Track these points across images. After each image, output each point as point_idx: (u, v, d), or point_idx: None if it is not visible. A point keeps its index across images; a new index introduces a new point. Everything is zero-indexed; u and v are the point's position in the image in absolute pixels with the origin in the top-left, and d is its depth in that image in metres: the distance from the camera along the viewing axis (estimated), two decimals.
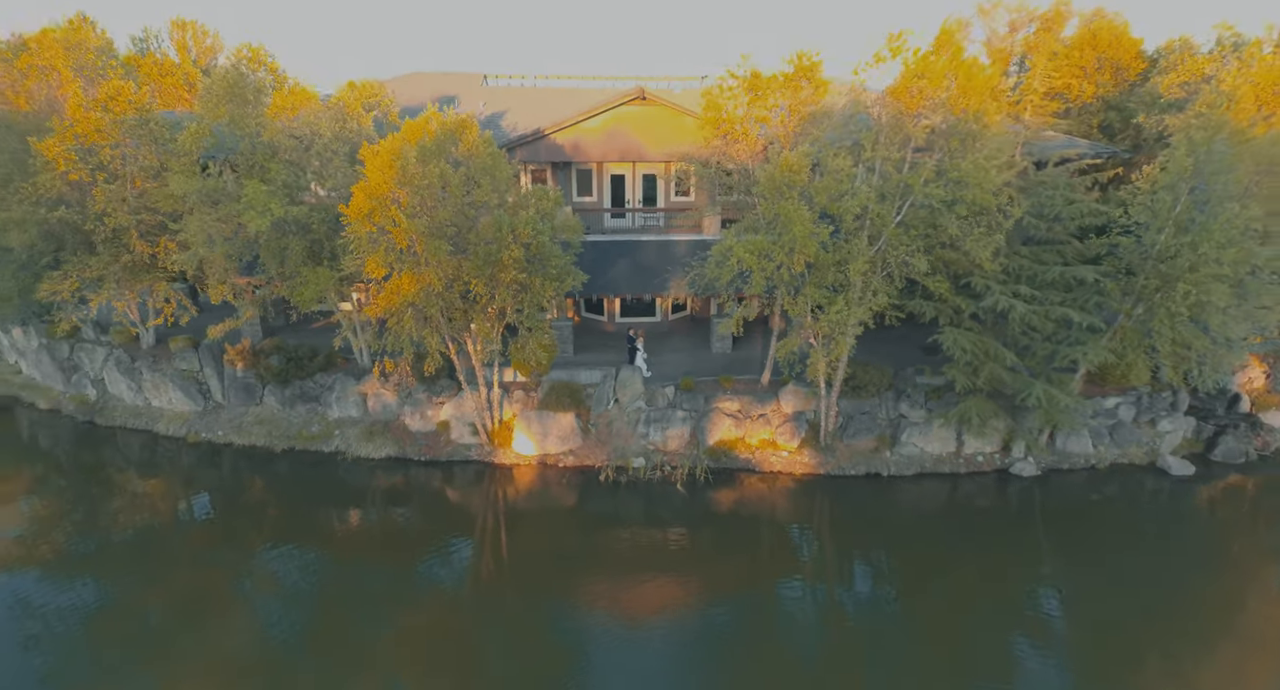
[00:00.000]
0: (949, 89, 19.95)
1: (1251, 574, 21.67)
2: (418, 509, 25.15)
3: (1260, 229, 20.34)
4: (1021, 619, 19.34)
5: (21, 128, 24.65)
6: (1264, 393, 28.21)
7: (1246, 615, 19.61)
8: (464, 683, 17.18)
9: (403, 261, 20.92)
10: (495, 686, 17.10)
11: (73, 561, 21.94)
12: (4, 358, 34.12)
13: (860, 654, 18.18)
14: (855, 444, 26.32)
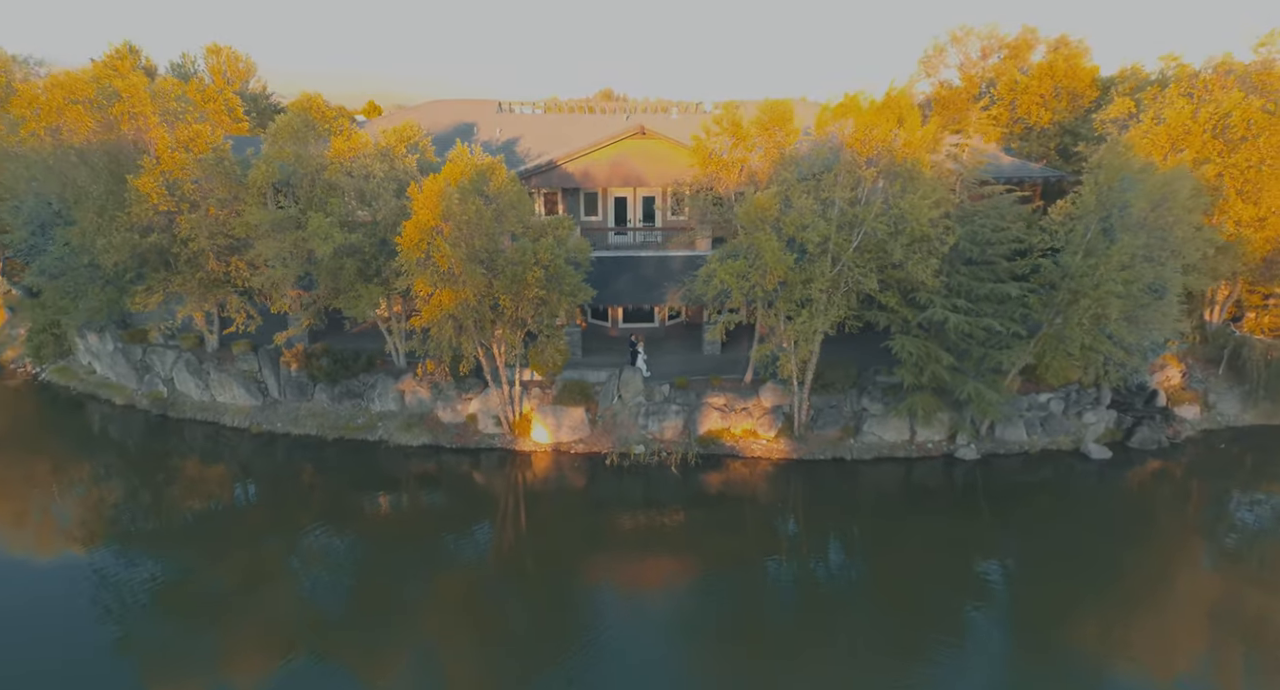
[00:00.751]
0: (892, 141, 24.38)
1: (1159, 542, 26.12)
2: (449, 490, 29.59)
3: (1148, 254, 24.72)
4: (967, 582, 23.50)
5: (115, 166, 29.05)
6: (1179, 389, 32.66)
7: (1154, 575, 23.89)
8: (488, 639, 20.93)
9: (444, 281, 25.36)
10: (516, 643, 20.87)
11: (146, 538, 25.89)
12: (78, 359, 38.59)
13: (829, 611, 22.41)
14: (824, 433, 30.78)
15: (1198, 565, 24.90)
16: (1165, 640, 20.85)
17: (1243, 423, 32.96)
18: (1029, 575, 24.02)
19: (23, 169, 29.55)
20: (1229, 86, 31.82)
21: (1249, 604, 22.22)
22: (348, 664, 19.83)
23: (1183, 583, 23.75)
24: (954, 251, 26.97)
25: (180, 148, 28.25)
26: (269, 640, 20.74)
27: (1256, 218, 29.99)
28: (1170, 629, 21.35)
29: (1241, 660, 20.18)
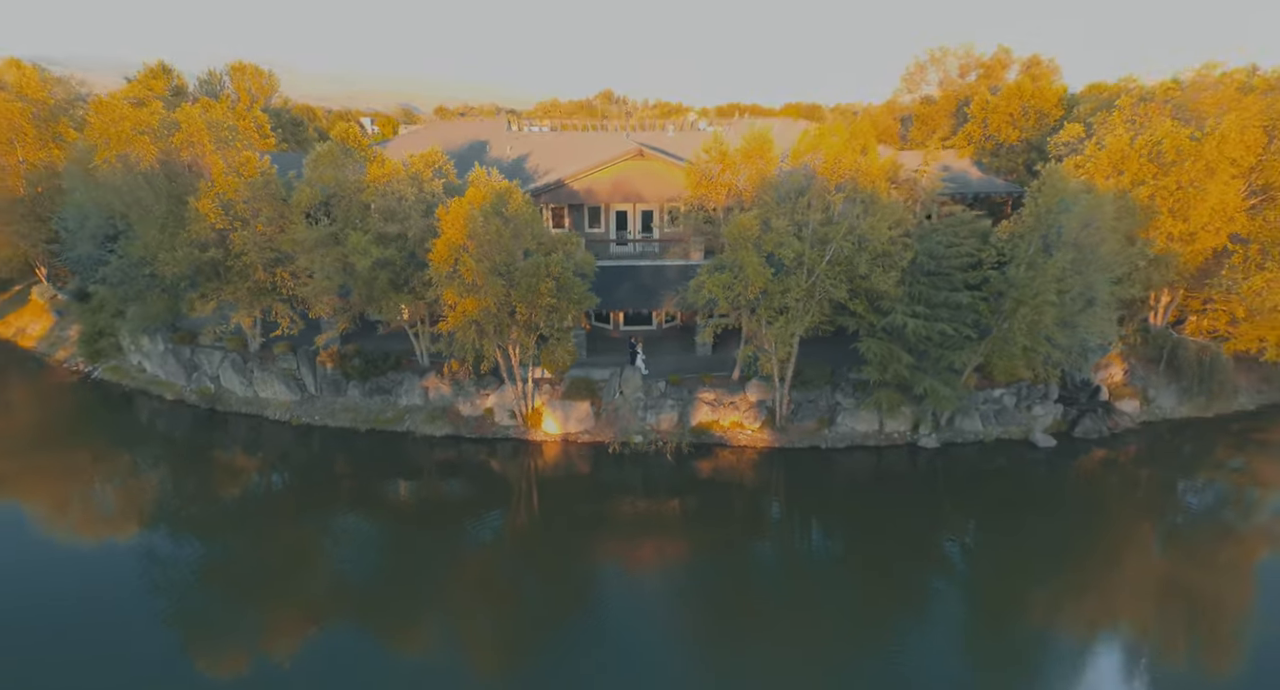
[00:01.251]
0: (855, 171, 28.20)
1: (1100, 521, 29.78)
2: (468, 476, 33.38)
3: (1078, 268, 28.51)
4: (929, 555, 27.17)
5: (174, 187, 32.86)
6: (1120, 385, 36.47)
7: (1096, 550, 27.42)
8: (503, 609, 24.25)
9: (468, 291, 29.18)
10: (527, 612, 24.19)
11: (194, 520, 29.37)
12: (128, 359, 42.41)
13: (807, 580, 26.15)
14: (802, 425, 34.61)
15: (1136, 541, 28.64)
16: (1105, 606, 24.33)
17: (1178, 416, 36.80)
18: (984, 549, 27.81)
19: (94, 190, 33.32)
20: (1165, 114, 35.60)
21: (1183, 575, 26.10)
22: (377, 633, 23.09)
23: (1122, 556, 27.39)
24: (914, 264, 30.78)
25: (232, 172, 32.04)
26: (305, 612, 23.91)
27: (1186, 233, 33.77)
28: (1110, 596, 24.78)
29: (1177, 625, 23.49)
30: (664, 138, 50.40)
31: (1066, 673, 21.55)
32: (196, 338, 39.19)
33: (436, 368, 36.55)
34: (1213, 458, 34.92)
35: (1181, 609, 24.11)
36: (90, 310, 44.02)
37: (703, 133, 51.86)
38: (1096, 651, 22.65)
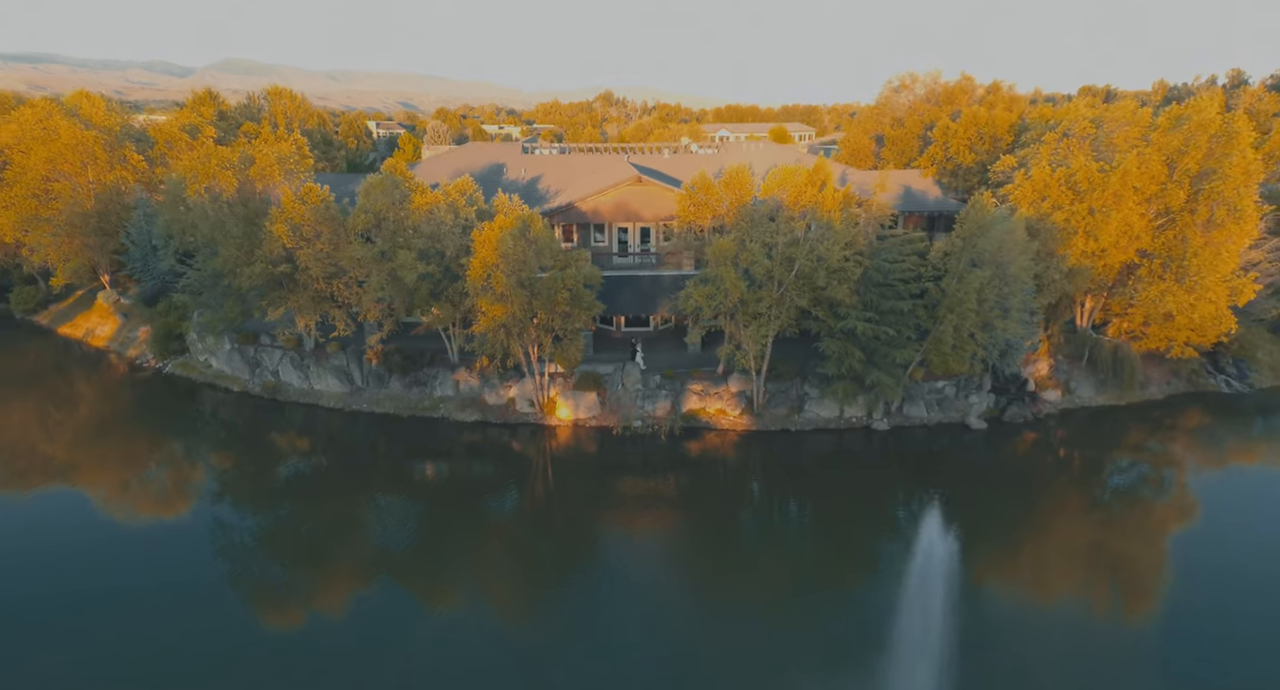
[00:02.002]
0: (814, 203, 34.67)
1: (1021, 487, 36.16)
2: (493, 455, 39.78)
3: (994, 282, 34.97)
4: (881, 520, 33.38)
5: (249, 212, 39.26)
6: (1045, 378, 43.02)
7: (1022, 514, 33.52)
8: (522, 569, 29.95)
9: (497, 300, 35.61)
10: (543, 570, 29.79)
11: (257, 493, 35.62)
12: (194, 356, 48.84)
13: (779, 538, 32.56)
14: (776, 411, 41.12)
15: (1056, 506, 34.87)
16: (1029, 561, 30.39)
17: (1095, 404, 43.37)
18: (928, 515, 33.95)
19: (184, 214, 39.69)
20: (1084, 149, 42.08)
21: (1095, 535, 32.47)
22: (413, 590, 28.54)
23: (1043, 519, 33.50)
24: (866, 276, 37.29)
25: (299, 200, 38.44)
26: (352, 573, 29.36)
27: (1097, 250, 40.24)
28: (1033, 553, 30.81)
29: (1093, 578, 29.21)
30: (660, 160, 56.84)
31: (997, 615, 27.10)
32: (258, 338, 45.61)
33: (466, 363, 43.00)
34: (1124, 438, 41.46)
35: (1095, 564, 30.06)
36: (159, 314, 50.46)
37: (696, 155, 58.33)
38: (1023, 599, 28.38)
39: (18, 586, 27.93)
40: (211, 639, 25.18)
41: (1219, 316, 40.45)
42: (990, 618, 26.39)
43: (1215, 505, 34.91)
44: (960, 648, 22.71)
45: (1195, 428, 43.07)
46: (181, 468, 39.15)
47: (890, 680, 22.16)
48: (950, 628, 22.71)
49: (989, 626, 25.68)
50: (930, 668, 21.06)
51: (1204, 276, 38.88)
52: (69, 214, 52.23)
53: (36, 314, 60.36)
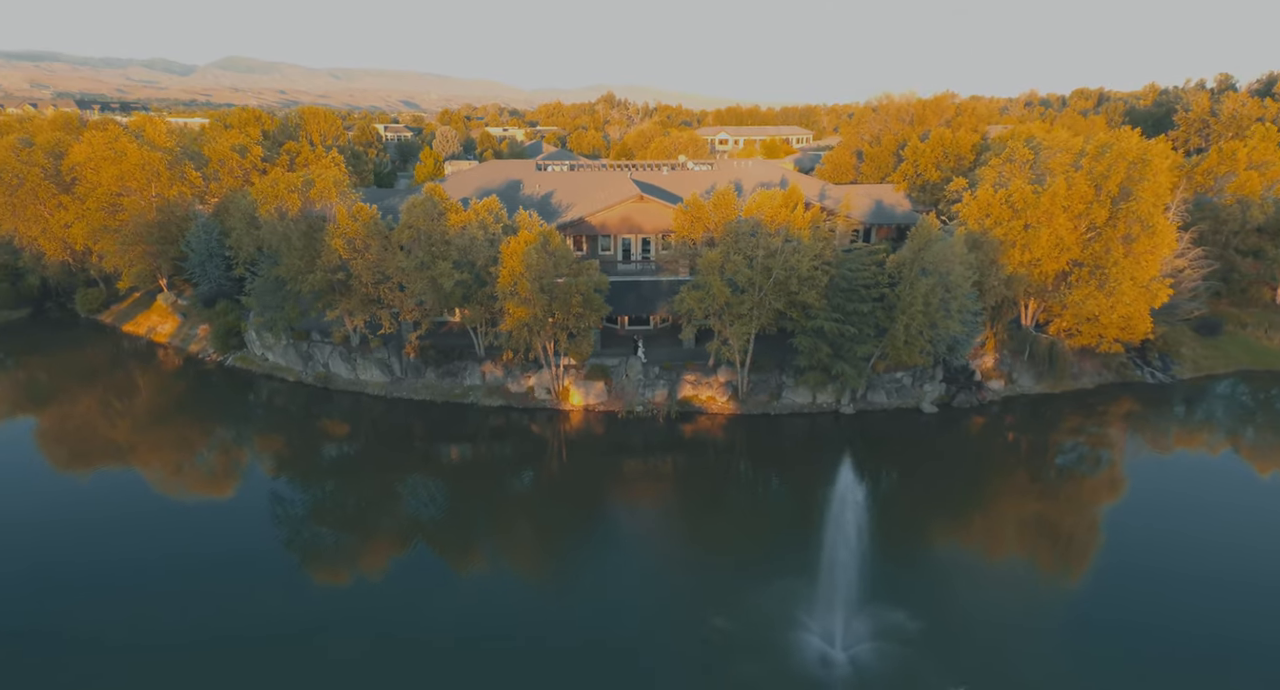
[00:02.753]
0: (788, 222, 41.49)
1: (966, 462, 43.15)
2: (515, 436, 46.59)
3: (938, 289, 41.76)
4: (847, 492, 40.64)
5: (309, 227, 46.08)
6: (991, 369, 49.87)
7: (963, 482, 40.66)
8: (539, 533, 36.56)
9: (522, 303, 42.45)
10: (558, 533, 36.37)
11: (309, 469, 42.33)
12: (252, 351, 55.73)
13: (757, 501, 39.56)
14: (758, 398, 47.98)
15: (996, 478, 41.90)
16: (972, 524, 37.37)
17: (1033, 392, 50.24)
18: (887, 484, 40.86)
19: (255, 230, 46.51)
20: (1024, 173, 48.85)
21: (1031, 503, 39.46)
22: (444, 555, 34.72)
23: (984, 489, 40.51)
24: (833, 282, 44.10)
25: (352, 217, 45.28)
26: (390, 538, 35.49)
27: (1032, 260, 47.02)
28: (974, 517, 37.80)
29: (1030, 539, 36.40)
30: (660, 176, 63.68)
31: (944, 571, 33.58)
32: (310, 335, 52.49)
33: (491, 356, 49.85)
34: (1057, 421, 48.26)
35: (1032, 528, 36.77)
36: (218, 314, 57.38)
37: (692, 172, 65.18)
38: (968, 556, 35.02)
39: (122, 548, 34.13)
40: (268, 595, 30.36)
41: (1136, 317, 47.26)
42: (922, 557, 33.36)
43: (1139, 479, 41.67)
44: (893, 581, 29.65)
45: (1123, 413, 49.91)
46: (243, 447, 46.11)
47: (819, 583, 28.71)
48: (869, 555, 29.25)
49: (918, 561, 32.64)
50: (849, 577, 27.62)
51: (1121, 283, 45.68)
52: (134, 225, 58.98)
53: (99, 313, 67.25)
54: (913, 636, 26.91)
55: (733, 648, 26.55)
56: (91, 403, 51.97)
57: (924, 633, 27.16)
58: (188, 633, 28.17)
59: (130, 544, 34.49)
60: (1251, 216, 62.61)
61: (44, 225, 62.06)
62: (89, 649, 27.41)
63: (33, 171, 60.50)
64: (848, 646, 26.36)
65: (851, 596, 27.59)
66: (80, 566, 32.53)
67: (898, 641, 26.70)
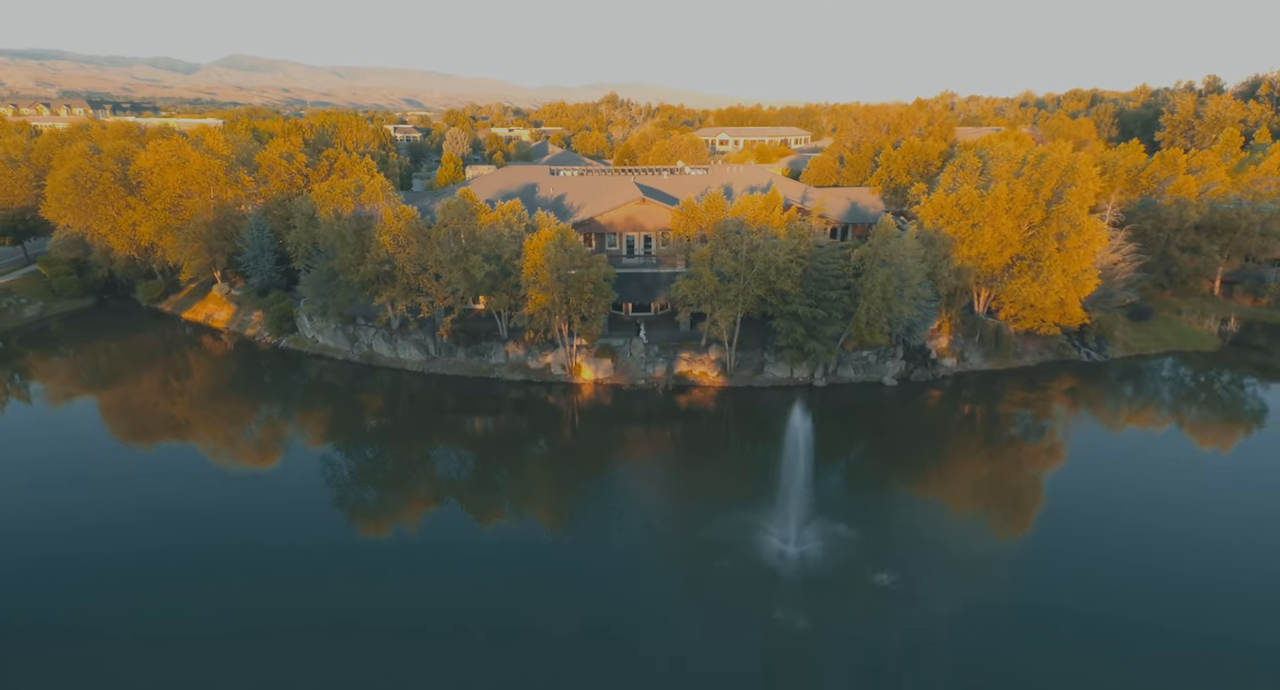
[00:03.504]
0: (768, 221, 49.27)
1: (921, 426, 51.07)
2: (534, 406, 54.46)
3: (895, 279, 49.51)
4: (820, 450, 47.52)
5: (360, 225, 53.95)
6: (945, 349, 57.67)
7: (918, 444, 48.80)
8: (556, 491, 44.08)
9: (542, 291, 50.29)
10: (571, 491, 44.36)
11: (354, 436, 49.94)
12: (303, 334, 63.66)
13: (740, 457, 47.49)
14: (743, 373, 55.82)
15: (943, 437, 49.75)
16: (928, 480, 45.39)
17: (981, 369, 58.03)
18: (856, 446, 48.74)
19: (315, 229, 54.38)
20: (973, 179, 56.56)
21: (975, 458, 47.35)
22: (472, 511, 41.95)
23: (934, 446, 48.40)
24: (806, 273, 51.88)
25: (395, 217, 53.13)
26: (425, 497, 42.84)
27: (979, 254, 54.76)
28: (929, 475, 45.90)
29: (980, 496, 44.66)
30: (660, 179, 71.46)
31: (887, 501, 41.95)
32: (355, 319, 60.42)
33: (514, 337, 57.72)
34: (1001, 392, 56.05)
35: (968, 474, 45.10)
36: (271, 302, 65.33)
37: (689, 175, 72.97)
38: (910, 492, 43.33)
39: (216, 496, 42.49)
40: (319, 543, 36.89)
41: (1070, 304, 55.03)
42: (870, 492, 41.30)
43: (1075, 443, 49.54)
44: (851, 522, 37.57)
45: (1059, 386, 57.69)
46: (298, 415, 54.05)
47: (778, 511, 36.61)
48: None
49: (866, 495, 40.58)
50: (800, 495, 35.59)
51: (1053, 274, 53.45)
52: (195, 224, 66.88)
53: (159, 302, 75.22)
54: (852, 540, 34.83)
55: (712, 549, 34.48)
56: (167, 378, 59.97)
57: (861, 539, 35.08)
58: (257, 563, 35.36)
59: (219, 496, 42.73)
60: (1188, 216, 70.20)
61: (113, 224, 69.92)
62: (192, 563, 35.42)
63: (104, 176, 68.35)
64: (799, 545, 34.23)
65: (803, 510, 35.54)
66: (187, 508, 40.63)
67: (839, 542, 34.61)
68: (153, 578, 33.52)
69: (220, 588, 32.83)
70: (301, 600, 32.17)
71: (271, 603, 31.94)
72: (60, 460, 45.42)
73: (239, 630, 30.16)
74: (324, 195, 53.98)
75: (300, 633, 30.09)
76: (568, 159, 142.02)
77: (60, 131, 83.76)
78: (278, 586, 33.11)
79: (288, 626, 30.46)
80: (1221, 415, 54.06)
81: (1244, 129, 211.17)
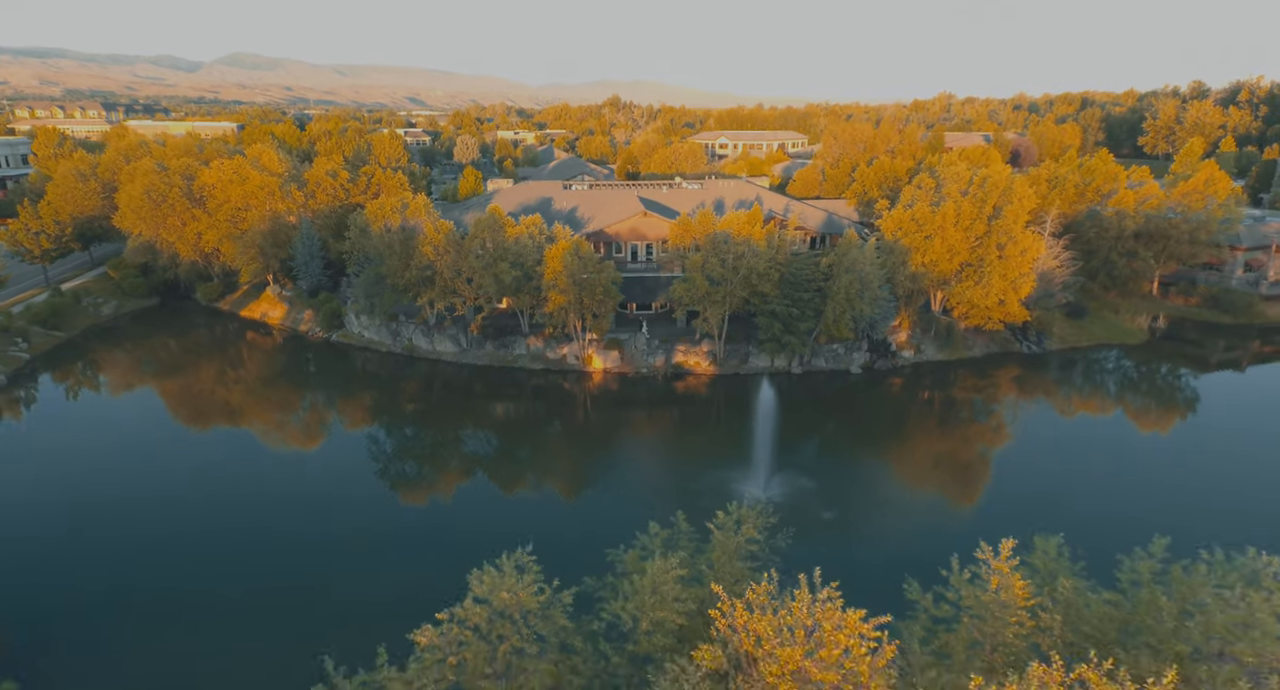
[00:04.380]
0: (750, 234, 58.90)
1: (884, 408, 60.81)
2: (552, 391, 64.21)
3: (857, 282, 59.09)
4: (793, 427, 57.68)
5: (405, 236, 63.63)
6: (904, 342, 67.31)
7: (881, 422, 58.61)
8: (570, 461, 54.48)
9: (561, 293, 59.96)
10: (585, 459, 55.12)
11: (396, 418, 60.09)
12: (350, 329, 73.38)
13: (726, 432, 57.30)
14: (731, 362, 65.51)
15: (899, 415, 59.49)
16: (889, 456, 55.19)
17: (936, 359, 67.66)
18: (825, 423, 58.46)
19: (368, 240, 64.07)
20: (928, 196, 66.08)
21: (934, 442, 57.05)
22: (498, 483, 51.30)
23: (899, 428, 58.16)
24: (784, 278, 61.49)
25: (435, 230, 62.78)
26: (456, 471, 52.35)
27: (931, 261, 64.30)
28: (890, 452, 55.70)
29: (934, 469, 54.53)
30: (660, 193, 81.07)
31: (845, 464, 52.07)
32: (397, 317, 70.17)
33: (534, 332, 67.40)
34: (952, 379, 65.70)
35: (927, 453, 54.84)
36: (321, 302, 75.09)
37: (685, 190, 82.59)
38: (865, 458, 53.20)
39: (279, 459, 52.46)
40: (366, 511, 47.36)
41: (1011, 303, 64.59)
42: (831, 457, 51.07)
43: (1013, 420, 59.21)
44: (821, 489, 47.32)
45: (1003, 373, 67.30)
46: (347, 399, 63.82)
47: (753, 475, 46.36)
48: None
49: (828, 459, 50.34)
50: (768, 456, 45.34)
51: (992, 279, 63.04)
52: (253, 233, 76.60)
53: (217, 302, 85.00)
54: (810, 489, 44.56)
55: (697, 496, 44.12)
56: (237, 366, 69.81)
57: (817, 489, 44.82)
58: (319, 524, 45.71)
59: (282, 458, 52.53)
60: (1126, 225, 79.62)
61: (179, 233, 79.67)
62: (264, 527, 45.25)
63: (173, 191, 78.07)
64: (767, 492, 43.96)
65: (771, 468, 45.33)
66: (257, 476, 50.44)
67: (799, 491, 44.33)
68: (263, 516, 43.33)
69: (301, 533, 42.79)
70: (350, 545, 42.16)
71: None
72: (161, 432, 55.35)
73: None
74: (375, 212, 63.67)
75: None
76: (573, 166, 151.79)
77: (124, 147, 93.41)
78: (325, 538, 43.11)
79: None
80: (1136, 395, 63.72)
81: (1221, 135, 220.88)
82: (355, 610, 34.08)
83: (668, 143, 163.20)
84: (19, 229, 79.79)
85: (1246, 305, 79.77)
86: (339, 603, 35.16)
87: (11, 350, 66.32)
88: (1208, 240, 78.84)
